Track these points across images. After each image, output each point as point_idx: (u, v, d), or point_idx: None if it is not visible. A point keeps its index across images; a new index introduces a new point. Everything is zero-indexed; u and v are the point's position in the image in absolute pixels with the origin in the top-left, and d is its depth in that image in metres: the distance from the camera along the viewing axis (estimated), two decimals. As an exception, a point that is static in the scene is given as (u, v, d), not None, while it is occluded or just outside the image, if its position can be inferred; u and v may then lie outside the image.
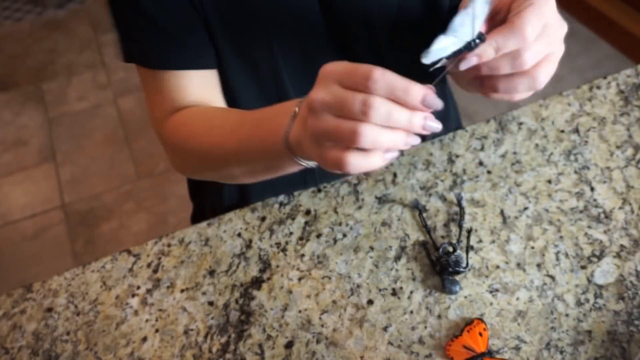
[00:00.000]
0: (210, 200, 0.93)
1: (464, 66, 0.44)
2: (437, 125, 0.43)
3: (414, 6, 0.68)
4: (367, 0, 0.66)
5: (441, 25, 0.71)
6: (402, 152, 0.44)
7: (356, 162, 0.42)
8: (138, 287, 0.71)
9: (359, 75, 0.40)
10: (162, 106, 0.67)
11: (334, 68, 0.42)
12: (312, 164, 0.50)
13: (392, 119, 0.41)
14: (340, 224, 0.75)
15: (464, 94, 0.88)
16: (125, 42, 0.65)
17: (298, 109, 0.48)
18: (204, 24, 0.65)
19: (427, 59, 0.44)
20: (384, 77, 0.40)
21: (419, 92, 0.41)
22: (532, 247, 0.71)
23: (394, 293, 0.68)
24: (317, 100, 0.41)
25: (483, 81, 0.47)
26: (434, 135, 0.88)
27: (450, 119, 0.91)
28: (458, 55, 0.44)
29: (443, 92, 0.88)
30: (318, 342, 0.65)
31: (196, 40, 0.65)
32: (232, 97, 0.74)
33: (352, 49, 0.71)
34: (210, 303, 0.69)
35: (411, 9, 0.68)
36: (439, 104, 0.42)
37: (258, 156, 0.54)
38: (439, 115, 0.90)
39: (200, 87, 0.67)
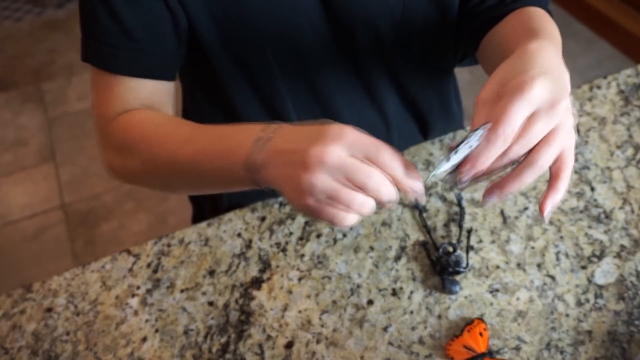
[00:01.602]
0: (210, 201, 0.93)
1: (461, 185, 0.46)
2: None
3: (421, 5, 0.68)
4: (369, 4, 0.65)
5: (449, 26, 0.71)
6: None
7: (350, 222, 0.46)
8: (138, 287, 0.71)
9: (376, 154, 0.45)
10: (111, 106, 0.66)
11: (355, 137, 0.45)
12: (264, 186, 0.51)
13: (390, 198, 0.45)
14: (340, 224, 0.75)
15: (468, 94, 0.88)
16: (87, 39, 0.65)
17: (263, 133, 0.48)
18: (182, 31, 0.64)
19: (429, 181, 0.46)
20: (394, 162, 0.44)
21: (418, 185, 0.46)
22: (532, 247, 0.71)
23: (394, 293, 0.68)
24: (333, 160, 0.43)
25: (490, 189, 0.48)
26: (436, 131, 0.88)
27: (454, 114, 0.91)
28: (452, 172, 0.46)
29: (449, 89, 0.87)
30: (318, 342, 0.65)
31: (161, 50, 0.64)
32: (227, 100, 0.74)
33: (356, 52, 0.71)
34: (210, 303, 0.69)
35: (417, 8, 0.68)
36: (423, 200, 0.47)
37: (210, 171, 0.54)
38: (444, 112, 0.89)
39: (153, 93, 0.66)
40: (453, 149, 0.44)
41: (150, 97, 0.66)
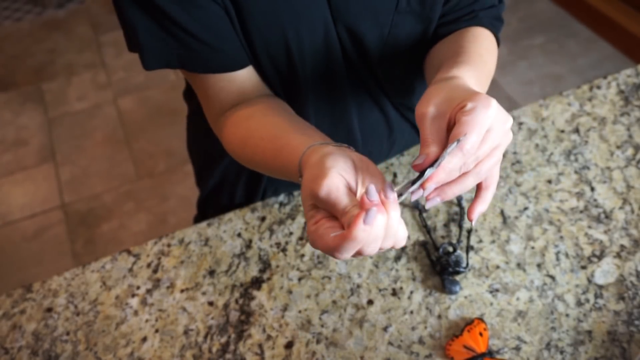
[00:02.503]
0: (215, 206, 0.93)
1: (415, 196, 0.48)
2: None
3: (408, 25, 0.68)
4: (361, 16, 0.66)
5: (428, 41, 0.72)
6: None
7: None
8: (138, 287, 0.71)
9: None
10: (212, 106, 0.71)
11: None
12: None
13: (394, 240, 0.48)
14: (340, 224, 0.75)
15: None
16: (156, 47, 0.65)
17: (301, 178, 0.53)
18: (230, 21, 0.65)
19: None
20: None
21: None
22: (532, 247, 0.71)
23: (394, 293, 0.68)
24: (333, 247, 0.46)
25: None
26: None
27: None
28: (412, 185, 0.48)
29: None
30: (318, 342, 0.65)
31: (229, 44, 0.65)
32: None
33: (352, 62, 0.72)
34: (210, 303, 0.69)
35: (404, 26, 0.68)
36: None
37: (278, 170, 0.62)
38: None
39: (243, 82, 0.69)
40: (420, 168, 0.47)
41: (241, 89, 0.69)
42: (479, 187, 0.51)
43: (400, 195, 0.46)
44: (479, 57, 0.63)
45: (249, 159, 0.66)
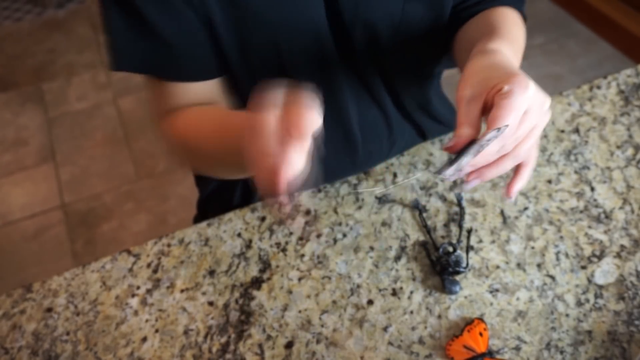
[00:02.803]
0: (216, 207, 0.93)
1: (453, 177, 0.49)
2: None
3: (419, 11, 0.68)
4: (371, 7, 0.66)
5: (441, 32, 0.72)
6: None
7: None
8: (138, 287, 0.71)
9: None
10: (160, 106, 0.70)
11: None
12: None
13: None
14: (340, 224, 0.75)
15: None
16: (125, 49, 0.65)
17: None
18: (208, 29, 0.64)
19: (446, 175, 0.49)
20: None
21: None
22: (532, 247, 0.71)
23: (394, 293, 0.68)
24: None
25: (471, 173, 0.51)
26: (434, 135, 0.88)
27: (447, 119, 0.91)
28: (449, 167, 0.48)
29: (435, 94, 0.88)
30: (318, 342, 0.65)
31: (199, 53, 0.65)
32: (243, 100, 0.74)
33: (354, 54, 0.71)
34: (210, 303, 0.69)
35: (415, 14, 0.68)
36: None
37: (223, 158, 0.60)
38: (434, 115, 0.89)
39: (199, 92, 0.68)
40: (451, 150, 0.47)
41: (196, 99, 0.68)
42: (517, 165, 0.52)
43: (437, 174, 0.47)
44: (510, 33, 0.63)
45: (191, 148, 0.64)
